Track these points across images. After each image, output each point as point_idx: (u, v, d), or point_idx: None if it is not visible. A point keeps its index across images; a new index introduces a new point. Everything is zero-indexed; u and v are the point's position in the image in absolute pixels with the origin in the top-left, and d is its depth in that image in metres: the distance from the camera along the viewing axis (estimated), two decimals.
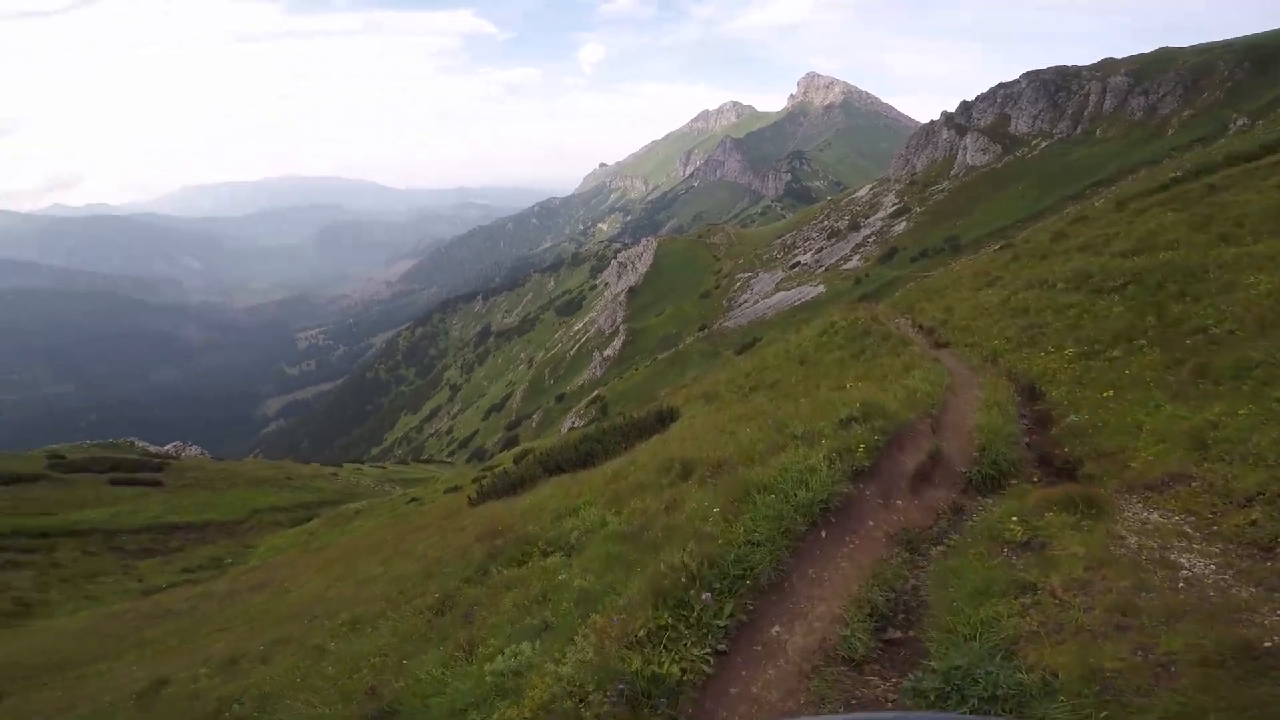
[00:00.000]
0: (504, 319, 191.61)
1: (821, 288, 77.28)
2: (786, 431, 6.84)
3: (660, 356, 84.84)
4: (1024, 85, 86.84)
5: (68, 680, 14.55)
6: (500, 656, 4.56)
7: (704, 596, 3.80)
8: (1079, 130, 76.59)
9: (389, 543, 21.13)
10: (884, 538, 5.01)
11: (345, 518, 33.96)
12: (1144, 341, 10.06)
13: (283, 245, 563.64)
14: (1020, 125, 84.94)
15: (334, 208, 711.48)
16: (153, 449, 57.04)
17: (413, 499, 34.75)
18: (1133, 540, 4.00)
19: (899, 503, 5.44)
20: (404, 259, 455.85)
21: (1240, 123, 52.23)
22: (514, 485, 23.78)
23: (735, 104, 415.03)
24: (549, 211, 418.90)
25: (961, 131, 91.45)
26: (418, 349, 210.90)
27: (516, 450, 53.04)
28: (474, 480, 33.35)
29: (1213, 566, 3.68)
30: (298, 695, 6.50)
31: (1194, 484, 4.70)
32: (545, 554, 9.22)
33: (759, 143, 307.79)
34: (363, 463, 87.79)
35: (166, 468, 47.85)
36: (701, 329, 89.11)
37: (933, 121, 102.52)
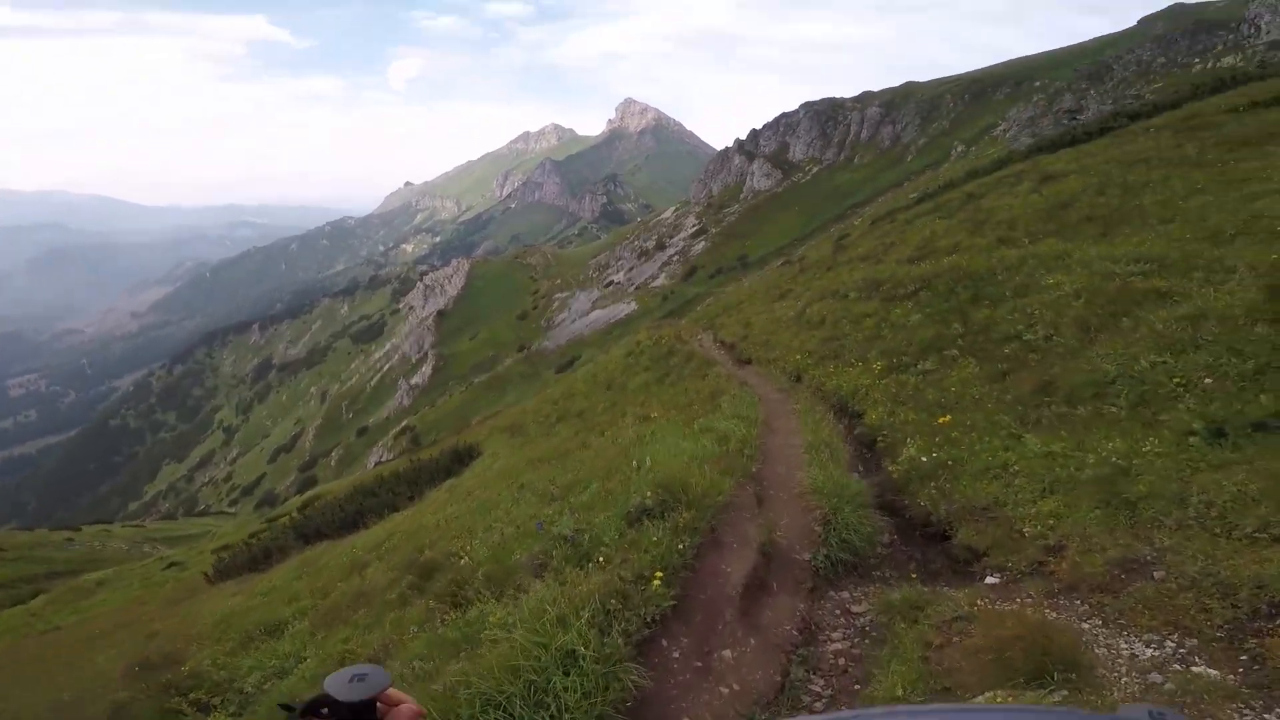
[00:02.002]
0: (288, 350, 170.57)
1: (634, 305, 78.20)
2: (553, 533, 4.47)
3: (476, 381, 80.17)
4: (801, 115, 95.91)
5: None
6: None
7: None
8: (842, 157, 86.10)
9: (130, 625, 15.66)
10: None
11: (83, 591, 28.87)
12: (955, 352, 9.31)
13: None
14: (797, 152, 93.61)
15: (60, 228, 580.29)
16: None
17: (172, 563, 30.65)
18: None
19: (726, 654, 3.29)
20: (156, 285, 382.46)
21: (959, 149, 61.59)
22: (259, 558, 19.13)
23: (557, 126, 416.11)
24: (343, 232, 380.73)
25: (750, 158, 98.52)
26: (178, 389, 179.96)
27: (308, 495, 45.80)
28: (215, 551, 27.07)
29: None
30: None
31: (1159, 576, 3.17)
32: (203, 709, 5.99)
33: (578, 165, 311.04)
34: (110, 523, 72.94)
35: None
36: (520, 350, 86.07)
37: (727, 148, 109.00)
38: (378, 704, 0.89)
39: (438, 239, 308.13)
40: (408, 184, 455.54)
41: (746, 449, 6.31)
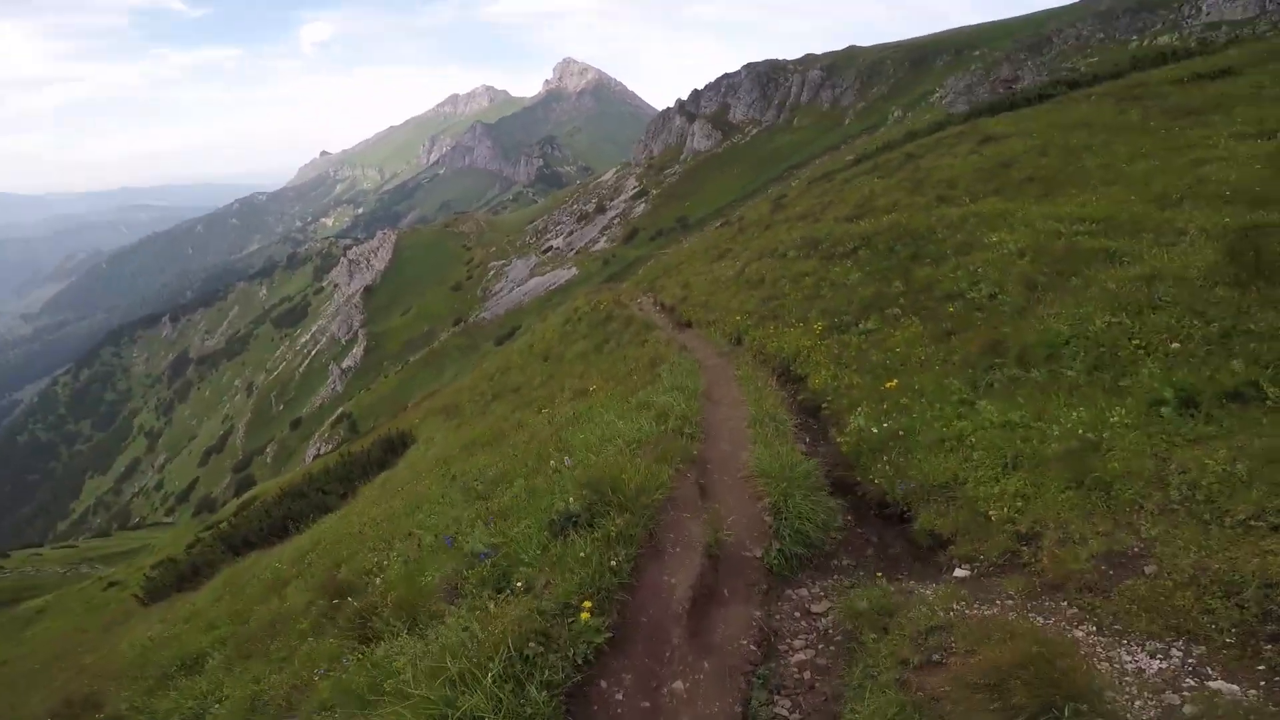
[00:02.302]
0: (205, 341, 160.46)
1: (574, 270, 76.90)
2: (466, 550, 3.88)
3: (412, 359, 77.85)
4: (743, 76, 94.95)
5: None
6: None
7: None
8: (782, 119, 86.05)
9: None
10: None
11: (23, 621, 27.77)
12: (897, 310, 9.07)
13: None
14: (738, 113, 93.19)
15: None
16: None
17: (111, 583, 29.22)
18: None
19: (678, 686, 2.81)
20: (48, 283, 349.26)
21: (896, 114, 62.37)
22: (187, 576, 17.90)
23: (488, 88, 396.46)
24: (253, 208, 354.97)
25: (691, 118, 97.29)
26: (88, 395, 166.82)
27: (245, 497, 43.64)
28: (153, 567, 25.39)
29: None
30: None
31: (1151, 572, 2.84)
32: None
33: (512, 128, 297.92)
34: (40, 546, 68.28)
35: None
36: (456, 323, 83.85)
37: (668, 109, 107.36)
38: None
39: (360, 210, 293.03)
40: (323, 154, 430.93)
41: (687, 427, 5.84)
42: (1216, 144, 11.06)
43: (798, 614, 3.50)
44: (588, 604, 2.82)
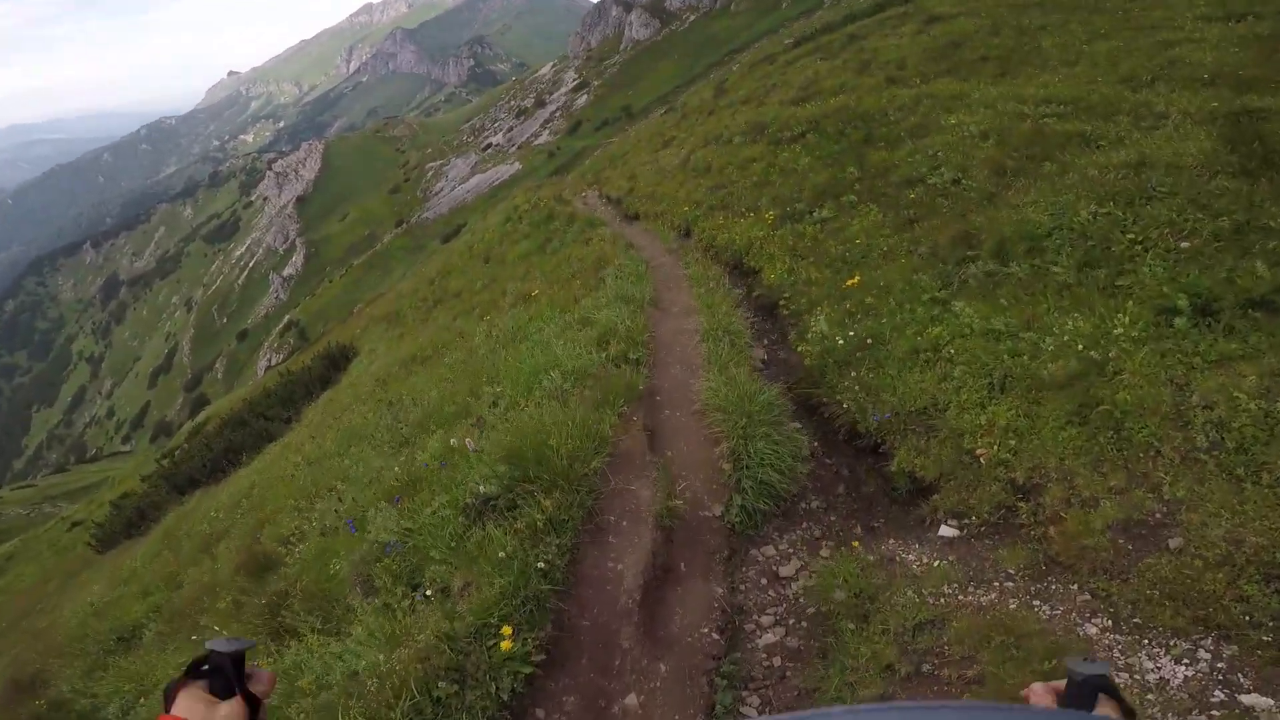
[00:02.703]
0: (134, 263, 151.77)
1: (518, 165, 73.60)
2: (371, 538, 3.28)
3: (355, 263, 74.97)
4: None
5: None
6: None
7: None
8: (719, 4, 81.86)
9: None
10: None
11: None
12: (853, 197, 8.34)
13: None
14: (675, 1, 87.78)
15: None
16: None
17: (75, 523, 27.92)
18: None
19: (630, 701, 2.33)
20: None
21: None
22: (134, 521, 17.13)
23: None
24: (164, 133, 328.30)
25: (628, 8, 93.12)
26: (18, 326, 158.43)
27: (198, 420, 42.41)
28: (113, 503, 24.46)
29: None
30: None
31: (1176, 546, 2.29)
32: None
33: (436, 31, 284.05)
34: None
35: None
36: (398, 224, 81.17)
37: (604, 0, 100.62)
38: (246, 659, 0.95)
39: (281, 124, 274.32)
40: (232, 73, 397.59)
41: (633, 351, 5.20)
42: (1182, 26, 10.27)
43: (764, 580, 3.07)
44: (507, 630, 2.28)
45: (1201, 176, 4.38)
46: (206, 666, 0.92)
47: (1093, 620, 2.31)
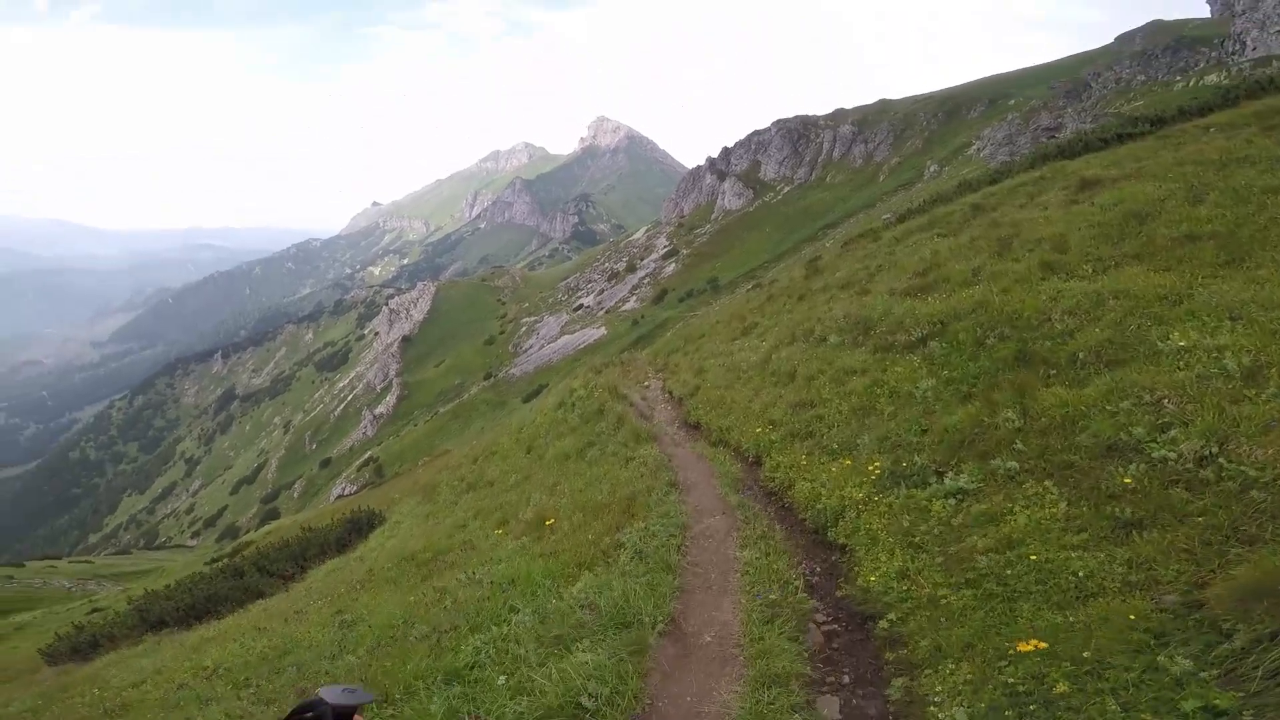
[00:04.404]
0: (251, 379, 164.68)
1: (603, 330, 75.04)
2: None
3: (442, 410, 76.95)
4: (773, 133, 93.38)
5: None
6: None
7: None
8: (814, 176, 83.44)
9: None
10: None
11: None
12: (1013, 462, 5.38)
13: None
14: (769, 171, 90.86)
15: (15, 254, 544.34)
16: None
17: (95, 608, 28.51)
18: None
19: None
20: (118, 313, 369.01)
21: (932, 169, 59.25)
22: (84, 647, 15.40)
23: (528, 145, 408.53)
24: (308, 254, 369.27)
25: (722, 176, 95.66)
26: (139, 420, 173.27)
27: (237, 542, 41.65)
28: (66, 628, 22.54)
29: None
30: None
31: None
32: None
33: (549, 185, 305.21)
34: (59, 558, 68.16)
35: None
36: (486, 378, 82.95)
37: (699, 167, 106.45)
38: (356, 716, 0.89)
39: (405, 261, 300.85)
40: (375, 204, 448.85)
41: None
42: None
43: None
44: None
45: None
46: (310, 715, 0.91)
47: None
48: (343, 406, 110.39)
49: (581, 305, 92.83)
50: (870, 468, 6.62)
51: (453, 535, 11.40)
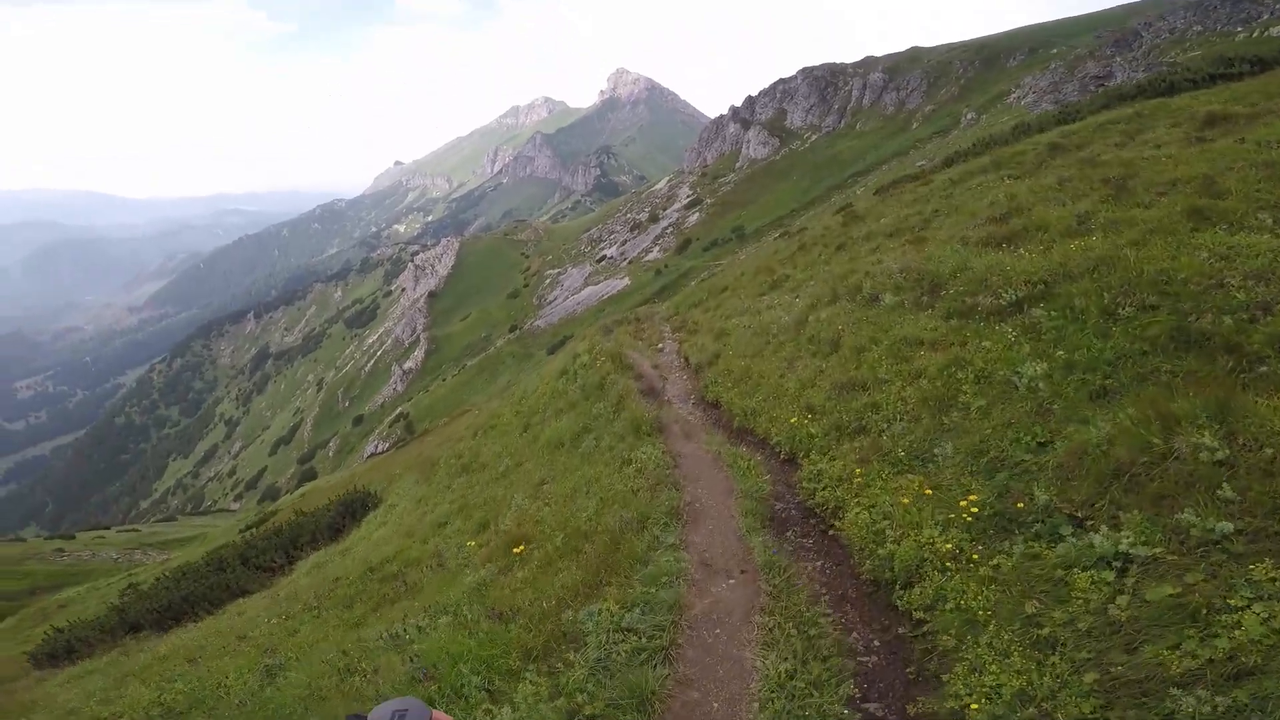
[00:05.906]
0: (284, 338, 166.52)
1: (627, 280, 72.88)
2: None
3: (469, 364, 76.72)
4: (799, 81, 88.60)
5: None
6: None
7: None
8: (843, 124, 78.97)
9: None
10: None
11: (45, 614, 26.03)
12: (1223, 523, 3.23)
13: None
14: (795, 119, 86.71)
15: (50, 225, 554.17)
16: None
17: (131, 584, 27.44)
18: None
19: None
20: (151, 279, 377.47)
21: (969, 116, 54.72)
22: (61, 653, 14.59)
23: (547, 99, 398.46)
24: (333, 214, 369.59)
25: (746, 125, 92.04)
26: (179, 383, 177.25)
27: (265, 511, 41.71)
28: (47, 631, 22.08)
29: None
30: None
31: None
32: None
33: (570, 138, 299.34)
34: (107, 528, 69.76)
35: None
36: (512, 330, 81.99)
37: (721, 116, 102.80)
38: None
39: (429, 218, 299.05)
40: (397, 163, 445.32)
41: None
42: None
43: None
44: None
45: None
46: None
47: None
48: (372, 362, 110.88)
49: (605, 256, 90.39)
50: (962, 500, 4.53)
51: (428, 540, 9.83)
